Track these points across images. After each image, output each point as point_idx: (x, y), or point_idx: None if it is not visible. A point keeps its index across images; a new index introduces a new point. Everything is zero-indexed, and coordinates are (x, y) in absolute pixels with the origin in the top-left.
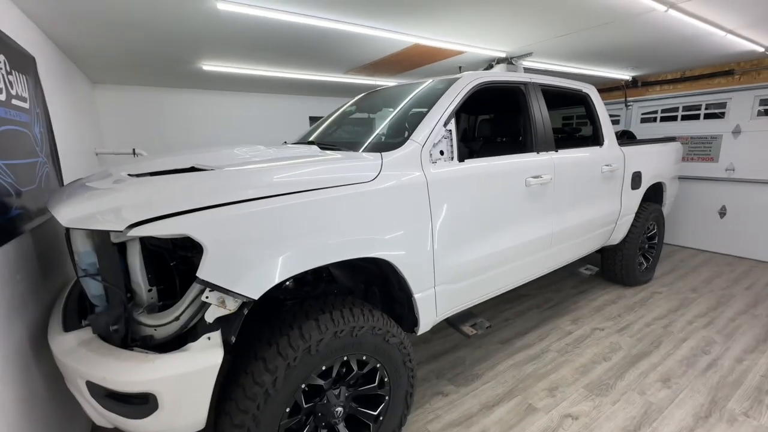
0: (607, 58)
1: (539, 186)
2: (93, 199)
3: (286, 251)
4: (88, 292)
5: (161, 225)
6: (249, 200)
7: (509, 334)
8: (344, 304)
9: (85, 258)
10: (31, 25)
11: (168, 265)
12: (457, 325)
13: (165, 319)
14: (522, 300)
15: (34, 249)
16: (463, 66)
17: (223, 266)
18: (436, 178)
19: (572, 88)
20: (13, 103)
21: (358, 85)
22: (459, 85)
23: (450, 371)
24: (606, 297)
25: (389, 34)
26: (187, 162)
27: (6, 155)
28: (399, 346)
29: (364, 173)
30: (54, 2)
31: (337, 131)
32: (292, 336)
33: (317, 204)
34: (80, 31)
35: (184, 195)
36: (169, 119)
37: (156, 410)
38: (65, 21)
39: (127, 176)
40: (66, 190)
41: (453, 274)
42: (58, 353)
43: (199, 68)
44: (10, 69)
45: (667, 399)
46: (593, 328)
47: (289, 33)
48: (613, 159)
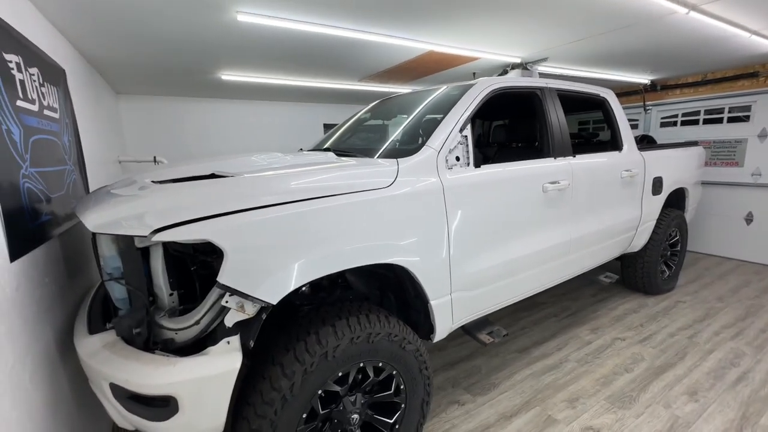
0: (626, 62)
1: (556, 192)
2: (119, 205)
3: (303, 257)
4: (112, 296)
5: (183, 230)
6: (268, 206)
7: (526, 342)
8: (360, 311)
9: (110, 262)
10: (60, 38)
11: (189, 270)
12: (474, 333)
13: (186, 323)
14: (539, 308)
15: (62, 253)
16: (477, 72)
17: (243, 271)
18: (452, 184)
19: (589, 92)
20: (45, 113)
21: (372, 93)
22: (474, 90)
23: (466, 380)
24: (627, 306)
25: (404, 42)
26: (207, 169)
27: (38, 163)
28: (415, 354)
29: (381, 179)
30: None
31: (352, 138)
32: (309, 342)
33: (334, 210)
34: (107, 44)
35: (206, 201)
36: (188, 128)
37: (176, 413)
38: (93, 34)
39: (151, 183)
40: (93, 196)
41: (469, 281)
42: (83, 355)
43: (218, 78)
44: (43, 81)
45: (695, 413)
46: (614, 338)
47: (305, 42)
48: (632, 164)
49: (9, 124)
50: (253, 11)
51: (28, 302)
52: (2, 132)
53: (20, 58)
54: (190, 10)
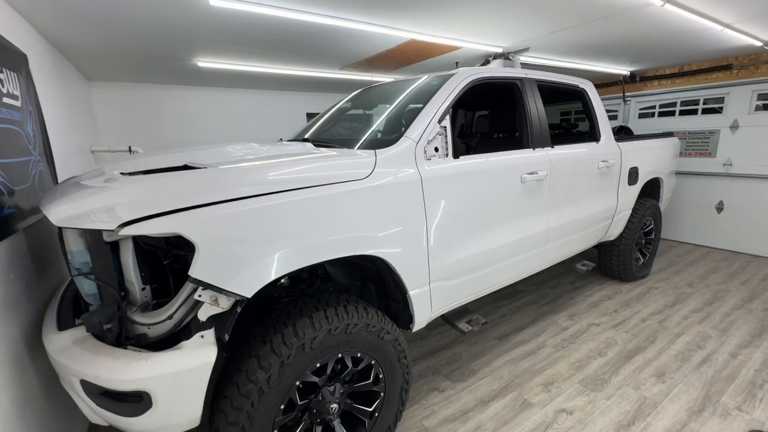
0: (605, 53)
1: (535, 182)
2: (84, 198)
3: (278, 249)
4: (81, 291)
5: (153, 224)
6: (241, 198)
7: (506, 330)
8: (339, 302)
9: (78, 257)
10: (22, 22)
11: (161, 264)
12: (453, 322)
13: (158, 317)
14: (519, 296)
15: (28, 248)
16: (459, 62)
17: (216, 265)
18: (430, 175)
19: (568, 83)
20: (4, 101)
21: (355, 81)
22: (454, 81)
23: (446, 367)
24: (602, 293)
25: (385, 30)
26: (180, 160)
27: (2, 154)
28: (394, 343)
29: (358, 170)
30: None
31: (332, 128)
32: (286, 334)
33: (310, 202)
34: (73, 28)
35: (176, 193)
36: (165, 116)
37: (150, 408)
38: (57, 18)
39: (120, 175)
40: (59, 188)
41: (448, 271)
42: (52, 352)
43: (194, 65)
44: (1, 67)
45: (662, 394)
46: (589, 323)
47: (283, 29)
48: (609, 155)
49: None
50: None
51: None
52: None
53: None
54: None
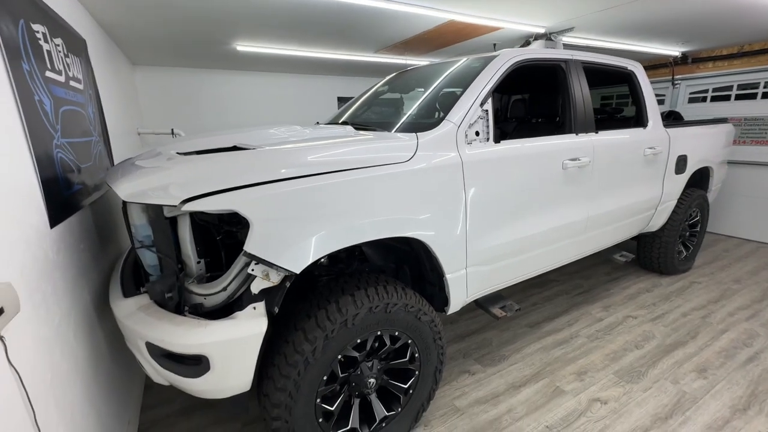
0: (656, 33)
1: (576, 169)
2: (149, 175)
3: (325, 228)
4: (143, 262)
5: (211, 201)
6: (291, 178)
7: (537, 318)
8: (378, 282)
9: (141, 231)
10: (80, 7)
11: (214, 239)
12: (486, 307)
13: (214, 288)
14: (550, 285)
15: (93, 221)
16: (497, 43)
17: (268, 241)
18: (471, 159)
19: (616, 65)
20: (71, 84)
21: (388, 65)
22: (497, 63)
23: (477, 351)
24: (640, 285)
25: (425, 11)
26: (228, 141)
27: (68, 134)
28: (430, 324)
29: (400, 153)
30: None
31: (370, 111)
32: (330, 310)
33: (355, 183)
34: (124, 14)
35: (231, 173)
36: (204, 99)
37: (207, 371)
38: (111, 3)
39: (177, 154)
40: (121, 167)
41: (485, 256)
42: (120, 316)
43: (234, 49)
44: (67, 52)
45: (703, 389)
46: (625, 315)
47: (323, 11)
48: (657, 141)
49: (41, 95)
50: None
51: (68, 266)
52: (35, 103)
53: (46, 29)
54: None
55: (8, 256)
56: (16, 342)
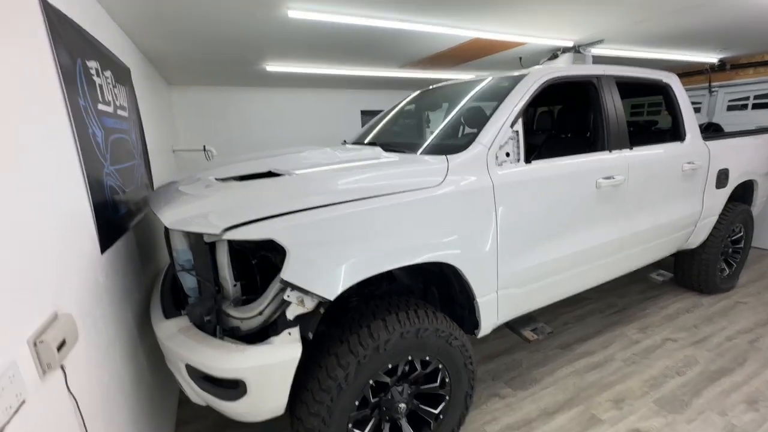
0: (691, 41)
1: (611, 188)
2: (191, 203)
3: (359, 255)
4: (183, 285)
5: (250, 229)
6: (326, 206)
7: (569, 339)
8: (409, 306)
9: (182, 255)
10: (125, 38)
11: (249, 263)
12: (517, 329)
13: (250, 312)
14: (582, 304)
15: (135, 243)
16: (523, 57)
17: (304, 268)
18: (502, 181)
19: (651, 78)
20: (118, 113)
21: (411, 79)
22: (527, 83)
23: (506, 373)
24: (679, 305)
25: (450, 30)
26: (263, 166)
27: (115, 161)
28: (461, 349)
29: (432, 178)
30: (147, 17)
31: (397, 131)
32: (362, 335)
33: (388, 209)
34: (164, 40)
35: (269, 201)
36: (233, 115)
37: (244, 395)
38: (153, 32)
39: (215, 181)
40: (163, 193)
41: (517, 279)
42: (161, 337)
43: (263, 69)
44: (115, 82)
45: (755, 423)
46: (664, 338)
47: (350, 33)
48: (695, 156)
49: (93, 128)
50: (303, 6)
51: (115, 289)
52: (89, 135)
53: (98, 64)
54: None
55: (67, 286)
56: (71, 369)
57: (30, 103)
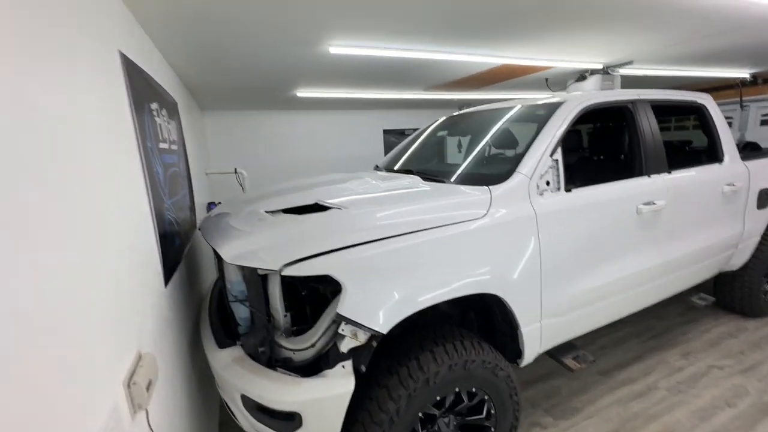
0: (723, 59)
1: (651, 213)
2: (249, 238)
3: (412, 288)
4: (235, 315)
5: (307, 265)
6: (379, 240)
7: (608, 364)
8: (455, 337)
9: (236, 286)
10: (172, 72)
11: (299, 293)
12: (559, 357)
13: (303, 344)
14: (620, 326)
15: (186, 271)
16: (550, 78)
17: (358, 303)
18: (544, 211)
19: (685, 99)
20: (171, 148)
21: (435, 100)
22: (564, 110)
23: (545, 401)
24: (722, 329)
25: (481, 58)
26: (308, 198)
27: (172, 194)
28: (506, 380)
29: (477, 210)
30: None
31: (430, 157)
32: (412, 367)
33: (437, 242)
34: (207, 73)
35: (324, 236)
36: (261, 138)
37: (300, 427)
38: (198, 67)
39: (266, 214)
40: (215, 224)
41: (560, 308)
42: (217, 367)
43: (293, 95)
44: (168, 119)
45: None
46: (709, 365)
47: (383, 63)
48: (735, 177)
49: (157, 167)
50: (344, 43)
51: (176, 320)
52: (155, 175)
53: (157, 104)
54: (289, 45)
55: (143, 323)
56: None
57: (116, 151)
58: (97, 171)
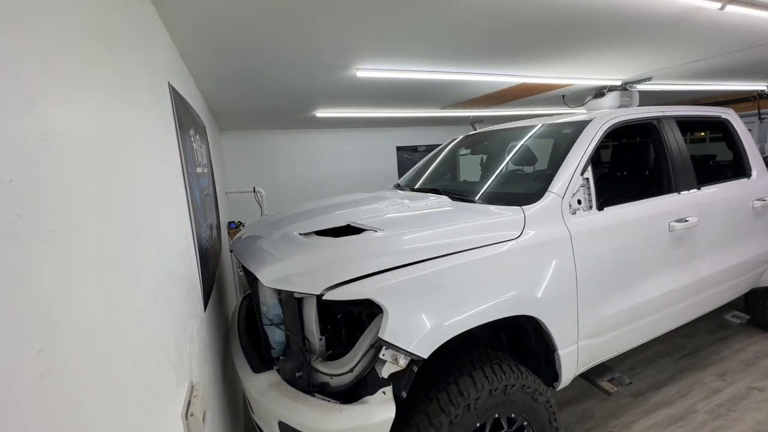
0: (739, 74)
1: (684, 230)
2: (287, 261)
3: (452, 311)
4: (270, 338)
5: (348, 289)
6: (418, 262)
7: (641, 386)
8: (492, 360)
9: (272, 310)
10: (200, 96)
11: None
12: (594, 380)
13: (341, 369)
14: (648, 346)
15: (217, 292)
16: (566, 95)
17: (399, 327)
18: (578, 230)
19: (709, 115)
20: (204, 171)
21: (449, 117)
22: (592, 129)
23: (579, 425)
24: (757, 348)
25: (502, 78)
26: (339, 219)
27: (206, 217)
28: (546, 405)
29: (512, 231)
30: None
31: (454, 176)
32: (452, 392)
33: (476, 264)
34: (232, 97)
35: (364, 260)
36: (278, 156)
37: None
38: (224, 91)
39: (299, 236)
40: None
41: (596, 329)
42: (253, 393)
43: (313, 115)
44: (201, 143)
45: None
46: (748, 387)
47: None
48: (764, 191)
49: (195, 191)
50: (371, 67)
51: (213, 344)
52: (194, 199)
53: (194, 130)
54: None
55: (191, 351)
56: None
57: (168, 179)
58: (155, 199)
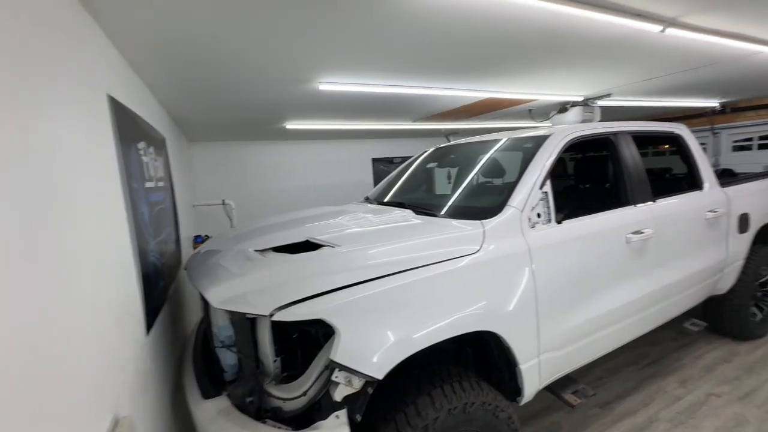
0: (695, 91)
1: (640, 242)
2: (237, 280)
3: (408, 330)
4: (222, 361)
5: (300, 308)
6: (372, 280)
7: (607, 396)
8: (452, 377)
9: (223, 331)
10: (160, 107)
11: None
12: (558, 392)
13: (294, 392)
14: (613, 355)
15: (169, 314)
16: (533, 109)
17: (352, 348)
18: (536, 244)
19: (663, 130)
20: (158, 185)
21: (424, 129)
22: (551, 144)
23: None
24: (715, 354)
25: (466, 93)
26: (299, 234)
27: (157, 234)
28: (507, 421)
29: (471, 245)
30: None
31: (419, 189)
32: (410, 413)
33: (432, 280)
34: (197, 108)
35: (316, 278)
36: (250, 168)
37: None
38: (188, 103)
39: (255, 253)
40: (201, 264)
41: (557, 342)
42: (202, 420)
43: (283, 127)
44: (156, 156)
45: None
46: (707, 393)
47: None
48: (716, 203)
49: (143, 207)
50: (333, 80)
51: (157, 370)
52: (140, 216)
53: (145, 143)
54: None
55: (122, 380)
56: None
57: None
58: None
